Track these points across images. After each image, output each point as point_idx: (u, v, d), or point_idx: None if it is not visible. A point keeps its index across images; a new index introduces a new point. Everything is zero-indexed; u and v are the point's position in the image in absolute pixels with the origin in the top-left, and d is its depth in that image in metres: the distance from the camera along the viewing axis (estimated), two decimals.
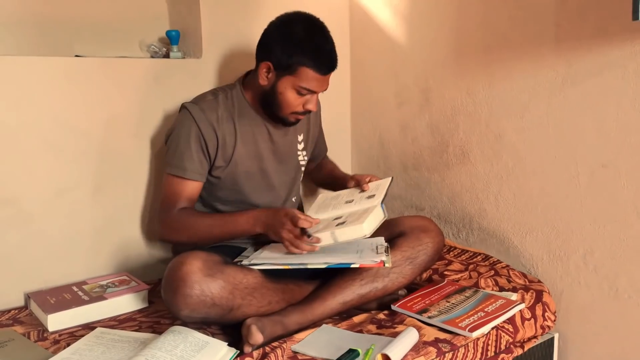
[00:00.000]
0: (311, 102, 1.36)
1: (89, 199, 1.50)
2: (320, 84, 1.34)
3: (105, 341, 1.17)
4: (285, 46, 1.31)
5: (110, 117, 1.52)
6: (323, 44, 1.33)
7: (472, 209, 1.66)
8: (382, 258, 1.22)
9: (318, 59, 1.31)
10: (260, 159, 1.43)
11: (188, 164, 1.34)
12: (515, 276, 1.48)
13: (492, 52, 1.54)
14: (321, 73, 1.32)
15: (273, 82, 1.34)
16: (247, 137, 1.41)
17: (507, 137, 1.53)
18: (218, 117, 1.36)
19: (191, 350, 1.08)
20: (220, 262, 1.22)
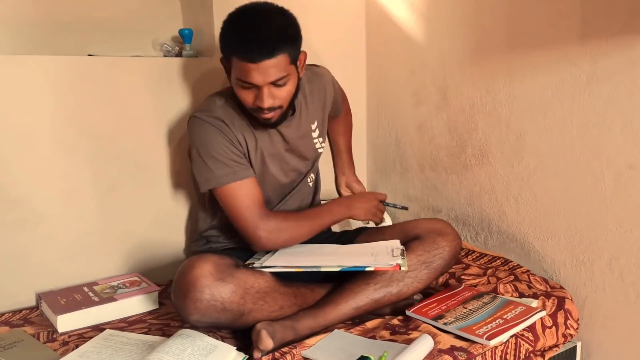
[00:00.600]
0: (259, 97, 1.21)
1: (101, 200, 1.49)
2: (254, 74, 1.17)
3: (114, 344, 1.15)
4: (221, 40, 1.23)
5: (122, 117, 1.50)
6: (249, 30, 1.19)
7: (491, 212, 1.61)
8: (398, 261, 1.19)
9: (242, 45, 1.17)
10: (280, 159, 1.38)
11: (231, 166, 1.26)
12: (536, 282, 1.43)
13: (514, 49, 1.49)
14: (248, 60, 1.17)
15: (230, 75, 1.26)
16: (264, 139, 1.34)
17: (529, 137, 1.48)
18: (234, 123, 1.29)
19: (199, 354, 1.06)
20: (232, 265, 1.20)
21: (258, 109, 1.23)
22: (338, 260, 1.23)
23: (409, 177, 1.86)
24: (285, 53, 1.20)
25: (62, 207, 1.44)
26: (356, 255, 1.29)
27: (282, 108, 1.26)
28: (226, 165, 1.26)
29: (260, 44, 1.17)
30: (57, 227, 1.44)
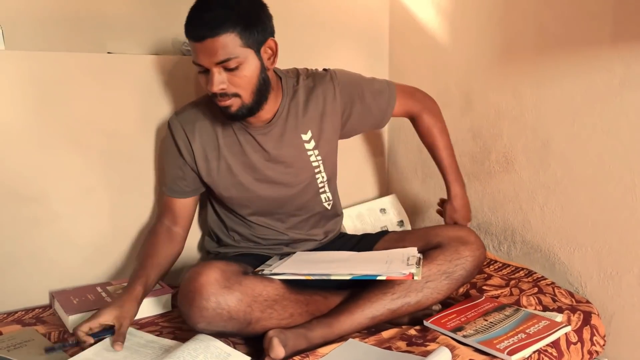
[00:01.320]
0: (209, 81, 1.15)
1: (116, 199, 1.48)
2: (200, 54, 1.13)
3: (130, 344, 1.13)
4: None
5: (139, 116, 1.49)
6: (197, 9, 1.15)
7: (515, 221, 1.56)
8: (412, 270, 1.14)
9: (189, 24, 1.14)
10: (255, 170, 1.32)
11: (167, 180, 1.37)
12: (561, 295, 1.37)
13: (542, 52, 1.43)
14: (193, 39, 1.13)
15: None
16: (232, 147, 1.30)
17: (556, 144, 1.42)
18: (194, 128, 1.29)
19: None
20: (239, 272, 1.17)
21: (213, 95, 1.17)
22: (350, 268, 1.19)
23: (431, 183, 1.81)
24: (233, 33, 1.12)
25: (78, 205, 1.43)
26: (370, 262, 1.25)
27: (240, 97, 1.18)
28: (164, 175, 1.37)
29: (203, 21, 1.12)
30: (72, 226, 1.43)
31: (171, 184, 1.35)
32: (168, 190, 1.36)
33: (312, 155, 1.34)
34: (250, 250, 1.40)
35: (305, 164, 1.34)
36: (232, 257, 1.36)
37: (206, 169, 1.31)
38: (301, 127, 1.32)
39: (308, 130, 1.32)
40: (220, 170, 1.31)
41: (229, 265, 1.17)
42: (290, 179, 1.34)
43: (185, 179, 1.34)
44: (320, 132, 1.34)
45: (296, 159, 1.33)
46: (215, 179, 1.32)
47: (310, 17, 1.71)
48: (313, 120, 1.33)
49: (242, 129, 1.30)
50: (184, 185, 1.34)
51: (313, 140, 1.33)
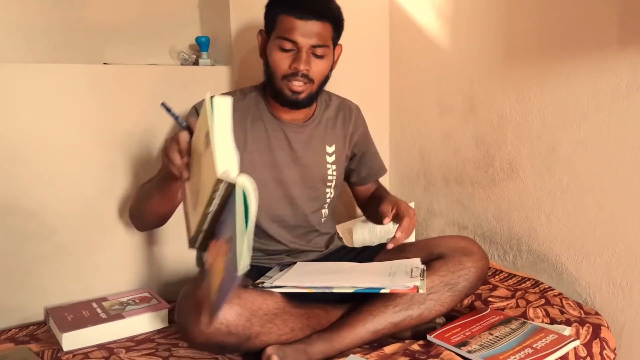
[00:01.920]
0: (297, 59, 1.20)
1: (114, 212, 1.46)
2: (301, 32, 1.19)
3: None
4: (267, 2, 1.27)
5: (137, 126, 1.47)
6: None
7: (520, 229, 1.52)
8: (416, 283, 1.11)
9: (293, 1, 1.21)
10: (276, 168, 1.33)
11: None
12: (569, 306, 1.33)
13: (546, 56, 1.40)
14: (297, 16, 1.18)
15: (265, 48, 1.27)
16: (260, 143, 1.32)
17: (562, 150, 1.38)
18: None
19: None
20: (239, 286, 1.13)
21: (292, 74, 1.22)
22: (352, 281, 1.16)
23: (433, 191, 1.78)
24: (331, 24, 1.23)
25: (75, 219, 1.41)
26: (372, 274, 1.21)
27: (312, 85, 1.25)
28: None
29: (313, 3, 1.21)
30: (70, 240, 1.41)
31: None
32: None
33: (330, 169, 1.39)
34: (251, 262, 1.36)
35: (323, 174, 1.38)
36: None
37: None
38: (328, 139, 1.38)
39: (333, 144, 1.39)
40: (242, 164, 1.27)
41: None
42: (306, 184, 1.36)
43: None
44: (341, 151, 1.41)
45: (317, 166, 1.37)
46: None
47: None
48: (338, 137, 1.40)
49: (275, 124, 1.33)
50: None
51: (334, 155, 1.39)
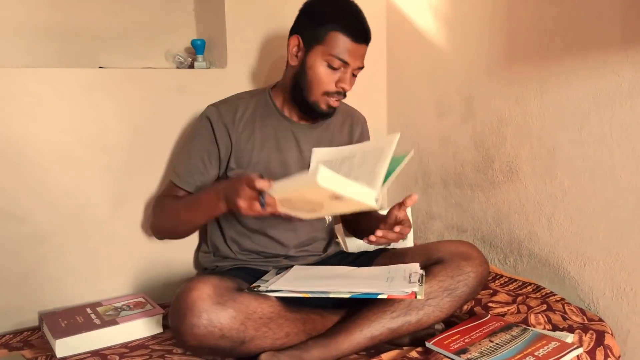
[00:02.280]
0: (344, 80, 1.23)
1: (109, 216, 1.44)
2: (353, 55, 1.22)
3: None
4: (315, 14, 1.23)
5: (132, 131, 1.45)
6: (355, 11, 1.24)
7: (521, 233, 1.49)
8: (414, 288, 1.08)
9: (350, 23, 1.22)
10: (284, 169, 1.33)
11: (182, 171, 1.32)
12: (571, 312, 1.30)
13: (546, 56, 1.37)
14: (354, 39, 1.21)
15: (302, 58, 1.25)
16: (269, 143, 1.32)
17: (563, 152, 1.36)
18: (235, 119, 1.30)
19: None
20: (233, 288, 1.12)
21: (332, 92, 1.24)
22: (349, 286, 1.14)
23: (432, 194, 1.76)
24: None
25: (70, 223, 1.39)
26: (370, 279, 1.19)
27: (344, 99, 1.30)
28: (180, 164, 1.32)
29: (366, 27, 1.24)
30: (64, 244, 1.39)
31: (186, 175, 1.31)
32: (180, 181, 1.31)
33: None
34: (246, 264, 1.35)
35: None
36: (227, 271, 1.32)
37: (236, 159, 1.30)
38: (335, 141, 1.39)
39: (338, 147, 1.38)
40: (251, 164, 1.30)
41: (222, 280, 1.13)
42: None
43: (205, 174, 1.31)
44: None
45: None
46: (242, 169, 1.30)
47: None
48: (343, 142, 1.40)
49: (284, 124, 1.33)
50: (201, 180, 1.31)
51: None
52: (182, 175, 1.31)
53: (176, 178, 1.32)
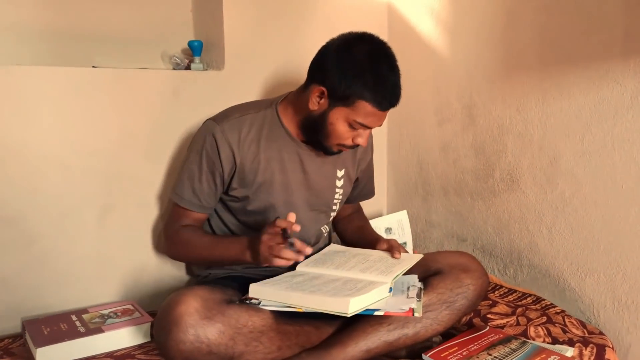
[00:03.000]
0: (362, 136, 1.21)
1: (97, 221, 1.40)
2: (377, 119, 1.19)
3: None
4: (344, 74, 1.14)
5: (123, 133, 1.42)
6: (387, 76, 1.16)
7: (521, 243, 1.46)
8: (412, 305, 1.05)
9: (379, 92, 1.14)
10: (287, 191, 1.28)
11: (187, 193, 1.27)
12: (571, 325, 1.27)
13: (548, 65, 1.35)
14: (381, 109, 1.16)
15: (325, 109, 1.18)
16: (273, 164, 1.26)
17: (564, 162, 1.33)
18: (240, 138, 1.23)
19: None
20: (223, 301, 1.08)
21: (347, 145, 1.22)
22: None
23: (432, 202, 1.73)
24: None
25: (57, 227, 1.35)
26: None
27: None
28: (183, 186, 1.26)
29: (396, 94, 1.18)
30: (50, 249, 1.35)
31: (190, 198, 1.26)
32: (185, 202, 1.27)
33: (338, 193, 1.36)
34: (240, 272, 1.31)
35: (330, 198, 1.35)
36: (220, 280, 1.28)
37: (240, 181, 1.26)
38: (339, 163, 1.34)
39: (343, 168, 1.35)
40: (254, 185, 1.26)
41: (212, 292, 1.09)
42: (312, 207, 1.32)
43: (212, 195, 1.27)
44: (349, 175, 1.38)
45: (326, 190, 1.34)
46: (246, 190, 1.26)
47: (306, 34, 1.64)
48: (348, 161, 1.36)
49: (290, 145, 1.27)
50: (207, 200, 1.27)
51: (343, 179, 1.36)
52: (189, 198, 1.26)
53: (180, 200, 1.27)
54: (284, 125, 1.27)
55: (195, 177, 1.25)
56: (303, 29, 1.65)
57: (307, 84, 1.22)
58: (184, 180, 1.27)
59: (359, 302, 1.02)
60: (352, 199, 1.47)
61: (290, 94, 1.30)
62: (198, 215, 1.29)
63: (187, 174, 1.27)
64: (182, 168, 1.29)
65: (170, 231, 1.30)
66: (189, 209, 1.27)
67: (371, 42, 1.19)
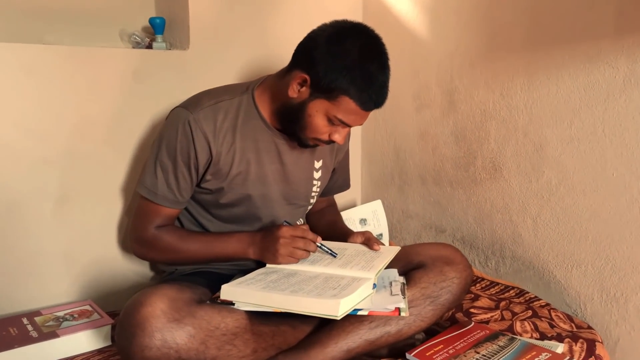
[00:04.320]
0: (340, 133, 1.13)
1: (51, 213, 1.29)
2: (358, 118, 1.11)
3: None
4: (332, 65, 1.05)
5: (80, 117, 1.30)
6: (376, 75, 1.07)
7: (504, 234, 1.41)
8: (399, 304, 0.99)
9: (366, 91, 1.06)
10: (264, 183, 1.20)
11: (161, 188, 1.15)
12: (558, 319, 1.22)
13: (534, 47, 1.29)
14: (364, 108, 1.08)
15: (304, 99, 1.09)
16: (249, 154, 1.17)
17: (551, 149, 1.28)
18: (215, 128, 1.13)
19: None
20: (193, 301, 0.99)
21: (323, 140, 1.15)
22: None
23: (409, 192, 1.66)
24: None
25: (5, 221, 1.24)
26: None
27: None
28: (155, 181, 1.15)
29: (382, 94, 1.10)
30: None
31: (165, 193, 1.14)
32: (159, 198, 1.15)
33: (315, 185, 1.29)
34: (210, 267, 1.23)
35: (307, 192, 1.29)
36: (188, 276, 1.20)
37: (214, 173, 1.16)
38: (317, 153, 1.27)
39: (320, 159, 1.28)
40: (228, 178, 1.16)
41: (180, 292, 0.99)
42: (289, 201, 1.26)
43: (188, 189, 1.16)
44: (327, 166, 1.31)
45: (304, 183, 1.27)
46: (219, 182, 1.17)
47: (279, 12, 1.54)
48: (325, 151, 1.29)
49: (267, 135, 1.19)
50: (182, 194, 1.16)
51: (321, 170, 1.29)
52: (164, 193, 1.14)
53: (154, 196, 1.14)
54: (260, 113, 1.17)
55: (169, 171, 1.14)
56: (276, 5, 1.54)
57: (290, 68, 1.13)
58: (156, 174, 1.14)
59: (348, 302, 0.95)
60: (326, 191, 1.39)
61: (269, 78, 1.20)
62: (171, 212, 1.17)
63: (159, 168, 1.14)
64: (152, 161, 1.16)
65: (144, 235, 1.17)
66: (163, 205, 1.15)
67: (365, 36, 1.09)
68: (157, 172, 1.14)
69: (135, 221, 1.20)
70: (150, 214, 1.16)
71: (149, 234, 1.16)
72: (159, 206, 1.15)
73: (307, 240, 1.10)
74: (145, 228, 1.17)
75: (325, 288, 1.00)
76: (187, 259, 1.19)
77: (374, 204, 1.64)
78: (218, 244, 1.16)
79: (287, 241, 1.09)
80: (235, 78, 1.48)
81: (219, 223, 1.23)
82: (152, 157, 1.16)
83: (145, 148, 1.37)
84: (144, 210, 1.17)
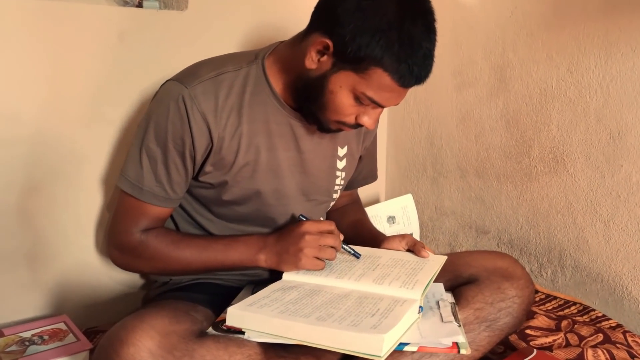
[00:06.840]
0: (370, 116, 0.93)
1: (16, 209, 1.09)
2: (394, 97, 0.91)
3: None
4: (361, 26, 0.83)
5: (51, 90, 1.10)
6: (420, 41, 0.86)
7: (565, 238, 1.25)
8: (458, 338, 0.80)
9: (405, 62, 0.84)
10: (277, 175, 1.00)
11: (148, 182, 0.95)
12: (637, 345, 1.03)
13: (615, 10, 1.12)
14: (402, 84, 0.86)
15: (326, 71, 0.88)
16: (259, 140, 0.97)
17: (632, 137, 1.12)
18: (217, 106, 0.92)
19: None
20: (191, 334, 0.79)
21: (348, 124, 0.96)
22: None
23: (445, 185, 1.50)
24: None
25: None
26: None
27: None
28: (141, 173, 0.95)
29: (427, 65, 0.89)
30: None
31: (153, 189, 0.94)
32: (144, 195, 0.96)
33: (339, 177, 1.11)
34: (211, 278, 1.05)
35: (330, 185, 1.11)
36: (184, 288, 1.02)
37: (215, 162, 0.96)
38: (341, 138, 1.08)
39: (345, 145, 1.10)
40: (233, 169, 0.97)
41: (174, 321, 0.80)
42: (308, 197, 1.07)
43: (183, 183, 0.96)
44: (353, 155, 1.13)
45: (325, 174, 1.09)
46: (222, 174, 0.97)
47: None
48: (351, 136, 1.11)
49: (280, 115, 0.99)
50: (174, 190, 0.96)
51: (345, 159, 1.11)
52: (151, 189, 0.95)
53: (139, 192, 0.95)
54: (272, 88, 0.95)
55: (157, 161, 0.93)
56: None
57: (307, 32, 0.90)
58: (142, 164, 0.94)
59: (393, 336, 0.75)
60: (348, 184, 1.18)
61: (281, 45, 0.98)
62: (161, 211, 0.96)
63: (145, 155, 0.93)
64: (136, 147, 0.95)
65: (126, 240, 0.97)
66: (150, 203, 0.94)
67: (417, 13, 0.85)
68: (142, 162, 0.92)
69: (115, 222, 0.98)
70: (135, 213, 0.95)
71: (133, 239, 0.95)
72: (145, 204, 0.94)
73: (336, 237, 0.94)
74: (128, 231, 0.95)
75: (360, 315, 0.78)
76: (182, 270, 0.99)
77: (403, 198, 1.47)
78: (220, 251, 0.97)
79: (314, 238, 0.92)
80: (241, 45, 1.29)
81: (222, 223, 1.02)
82: (137, 143, 0.94)
83: (132, 129, 1.17)
84: (126, 209, 0.96)
